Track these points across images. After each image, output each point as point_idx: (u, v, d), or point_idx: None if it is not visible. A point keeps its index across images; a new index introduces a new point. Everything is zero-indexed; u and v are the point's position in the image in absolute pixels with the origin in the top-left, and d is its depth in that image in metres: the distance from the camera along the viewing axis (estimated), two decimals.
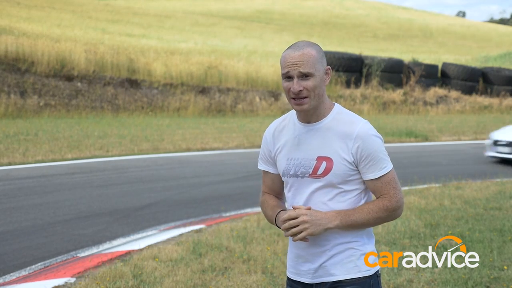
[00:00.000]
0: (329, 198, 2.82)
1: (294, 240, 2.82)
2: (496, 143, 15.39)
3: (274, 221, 2.93)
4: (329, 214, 2.78)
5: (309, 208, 2.78)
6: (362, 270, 2.84)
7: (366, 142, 2.77)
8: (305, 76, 2.76)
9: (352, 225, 2.79)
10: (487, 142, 15.88)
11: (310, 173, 2.83)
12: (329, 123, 2.83)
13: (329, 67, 2.84)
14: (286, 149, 2.92)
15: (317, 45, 2.84)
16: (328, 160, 2.80)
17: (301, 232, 2.75)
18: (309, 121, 2.87)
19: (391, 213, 2.82)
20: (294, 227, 2.76)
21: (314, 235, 2.77)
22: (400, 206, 2.83)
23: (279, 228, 2.88)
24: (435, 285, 5.74)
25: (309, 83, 2.76)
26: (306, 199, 2.85)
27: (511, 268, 6.11)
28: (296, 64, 2.75)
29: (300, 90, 2.76)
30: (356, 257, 2.83)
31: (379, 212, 2.80)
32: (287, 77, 2.79)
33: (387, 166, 2.82)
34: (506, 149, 15.19)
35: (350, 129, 2.78)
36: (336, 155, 2.79)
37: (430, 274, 5.98)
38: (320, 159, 2.81)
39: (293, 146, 2.90)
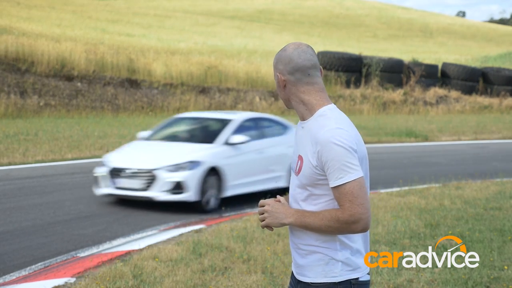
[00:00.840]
0: (303, 199, 2.87)
1: (261, 227, 2.96)
2: (115, 172, 9.83)
3: None
4: (289, 210, 2.85)
5: (278, 200, 2.89)
6: (328, 276, 2.82)
7: (324, 149, 2.76)
8: None
9: (306, 227, 2.81)
10: (99, 171, 10.00)
11: (295, 169, 2.93)
12: (310, 125, 2.88)
13: (278, 74, 2.91)
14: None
15: (284, 51, 2.90)
16: (301, 159, 2.87)
17: (263, 220, 2.89)
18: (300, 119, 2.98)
19: (344, 226, 2.75)
20: (262, 214, 2.89)
21: (272, 226, 2.87)
22: (356, 221, 2.73)
23: None
24: (435, 285, 5.75)
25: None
26: (291, 193, 2.95)
27: (511, 268, 6.11)
28: None
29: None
30: (324, 262, 2.83)
31: (331, 221, 2.76)
32: None
33: (344, 178, 2.74)
34: (134, 183, 9.69)
35: (317, 133, 2.81)
36: (306, 157, 2.84)
37: (430, 274, 5.98)
38: (299, 157, 2.90)
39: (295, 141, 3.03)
